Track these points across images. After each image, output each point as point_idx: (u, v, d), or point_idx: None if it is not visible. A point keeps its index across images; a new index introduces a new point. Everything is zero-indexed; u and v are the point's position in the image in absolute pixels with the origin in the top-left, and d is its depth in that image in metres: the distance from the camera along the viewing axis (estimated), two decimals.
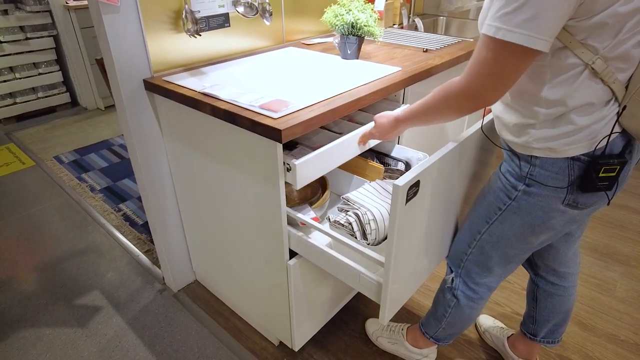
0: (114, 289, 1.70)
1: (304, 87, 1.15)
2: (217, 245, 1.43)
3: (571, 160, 0.80)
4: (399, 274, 0.97)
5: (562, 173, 0.82)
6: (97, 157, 2.76)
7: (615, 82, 0.74)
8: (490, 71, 0.72)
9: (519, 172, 0.88)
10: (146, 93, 1.27)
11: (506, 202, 0.92)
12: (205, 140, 1.18)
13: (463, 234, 1.07)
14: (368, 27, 1.34)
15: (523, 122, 0.83)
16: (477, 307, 1.12)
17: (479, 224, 1.00)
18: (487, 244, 1.00)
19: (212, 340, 1.47)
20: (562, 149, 0.80)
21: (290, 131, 0.93)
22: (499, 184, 0.94)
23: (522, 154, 0.87)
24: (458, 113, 0.82)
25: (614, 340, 1.48)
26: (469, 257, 1.06)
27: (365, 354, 1.42)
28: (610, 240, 1.96)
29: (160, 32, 1.24)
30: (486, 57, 0.71)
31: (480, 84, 0.73)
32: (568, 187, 0.83)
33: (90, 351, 1.43)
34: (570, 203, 0.85)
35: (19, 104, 3.27)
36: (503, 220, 0.95)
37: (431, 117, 0.89)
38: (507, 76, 0.71)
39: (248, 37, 1.50)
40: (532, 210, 0.89)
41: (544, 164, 0.83)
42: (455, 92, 0.79)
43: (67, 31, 3.22)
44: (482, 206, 1.00)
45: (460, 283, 1.10)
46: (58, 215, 2.17)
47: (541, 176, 0.84)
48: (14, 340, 1.48)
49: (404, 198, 0.83)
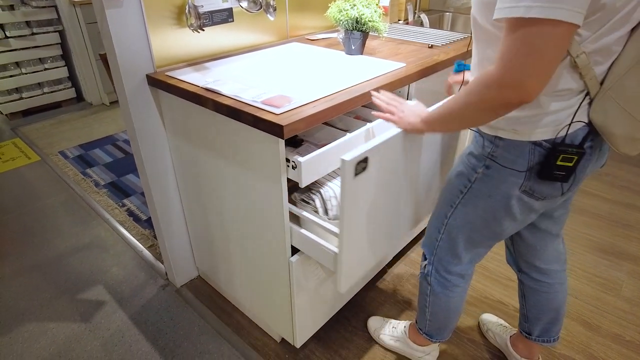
0: (117, 284, 1.70)
1: (308, 83, 1.14)
2: (219, 241, 1.43)
3: (533, 145, 0.81)
4: (353, 245, 1.02)
5: (523, 157, 0.83)
6: (101, 153, 2.77)
7: (592, 78, 0.74)
8: (529, 54, 0.64)
9: (481, 152, 0.90)
10: (149, 88, 1.27)
11: (467, 184, 0.94)
12: (208, 135, 1.18)
13: (433, 219, 1.09)
14: (372, 22, 1.33)
15: None
16: (454, 296, 1.13)
17: (445, 208, 1.02)
18: (454, 228, 1.02)
19: (214, 335, 1.48)
20: (527, 131, 0.80)
21: (292, 127, 0.92)
22: (460, 167, 0.96)
23: (487, 134, 0.88)
24: (493, 110, 0.74)
25: (619, 341, 1.46)
26: (440, 243, 1.08)
27: (367, 351, 1.42)
28: (616, 240, 1.94)
29: (164, 27, 1.24)
30: (520, 40, 0.64)
31: (520, 70, 0.65)
32: (526, 172, 0.84)
33: (93, 345, 1.44)
34: (526, 190, 0.86)
35: (25, 99, 3.29)
36: (465, 204, 0.97)
37: (464, 117, 0.80)
38: (549, 59, 0.64)
39: (251, 32, 1.49)
40: (491, 193, 0.90)
41: (507, 146, 0.84)
42: (492, 81, 0.70)
43: (73, 26, 3.22)
44: (447, 190, 1.02)
45: (433, 270, 1.12)
46: (63, 210, 2.18)
47: (502, 158, 0.85)
48: (19, 334, 1.49)
49: (351, 172, 0.89)
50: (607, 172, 2.48)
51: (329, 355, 1.41)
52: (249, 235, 1.25)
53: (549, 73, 0.66)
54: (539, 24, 0.62)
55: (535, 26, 0.63)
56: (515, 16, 0.64)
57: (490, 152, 0.87)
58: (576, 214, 2.11)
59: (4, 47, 3.06)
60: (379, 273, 1.73)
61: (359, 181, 0.93)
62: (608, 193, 2.28)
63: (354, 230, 1.00)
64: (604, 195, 2.26)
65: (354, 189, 0.92)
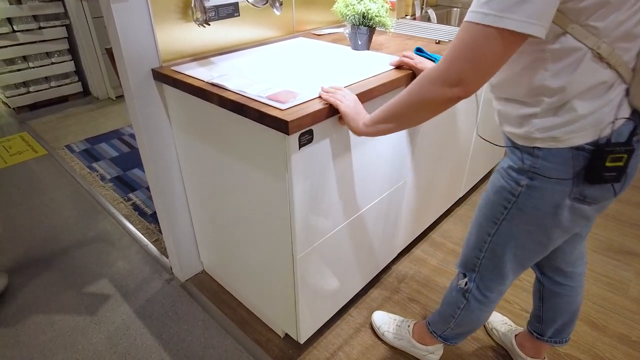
0: (122, 277, 1.71)
1: (314, 78, 1.13)
2: (224, 236, 1.43)
3: (575, 150, 0.77)
4: (304, 212, 1.08)
5: (566, 164, 0.79)
6: (107, 147, 2.78)
7: (622, 65, 0.71)
8: (474, 56, 0.68)
9: (521, 166, 0.85)
10: (155, 83, 1.27)
11: (510, 199, 0.89)
12: (214, 131, 1.17)
13: (472, 238, 1.03)
14: (379, 17, 1.32)
15: (526, 112, 0.80)
16: (488, 310, 1.10)
17: (487, 225, 0.97)
18: (499, 246, 0.96)
19: (218, 330, 1.48)
20: (566, 137, 0.77)
21: (297, 122, 0.91)
22: (501, 182, 0.91)
23: (524, 146, 0.84)
24: (434, 107, 0.78)
25: (625, 341, 1.45)
26: (482, 261, 1.02)
27: (371, 348, 1.42)
28: (624, 239, 1.92)
29: (169, 21, 1.23)
30: (471, 42, 0.68)
31: (462, 69, 0.70)
32: (573, 179, 0.80)
33: (98, 338, 1.45)
34: (577, 197, 0.82)
35: (32, 93, 3.31)
36: (510, 219, 0.91)
37: (404, 115, 0.84)
38: (494, 63, 0.68)
39: (258, 27, 1.49)
40: (539, 206, 0.86)
41: (547, 155, 0.80)
42: (435, 77, 0.74)
43: (79, 21, 3.23)
44: (487, 207, 0.96)
45: (474, 288, 1.07)
46: (69, 204, 2.19)
47: (545, 169, 0.81)
48: (26, 326, 1.50)
49: (296, 143, 0.96)
50: None
51: (332, 351, 1.41)
52: (254, 230, 1.25)
53: (491, 74, 0.70)
54: (493, 32, 0.65)
55: (489, 34, 0.66)
56: (473, 21, 0.67)
57: (530, 164, 0.83)
58: None
59: (12, 41, 3.07)
60: (383, 270, 1.72)
61: (304, 152, 0.99)
62: None
63: (305, 199, 1.06)
64: None
65: (300, 160, 0.99)
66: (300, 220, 1.08)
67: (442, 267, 1.77)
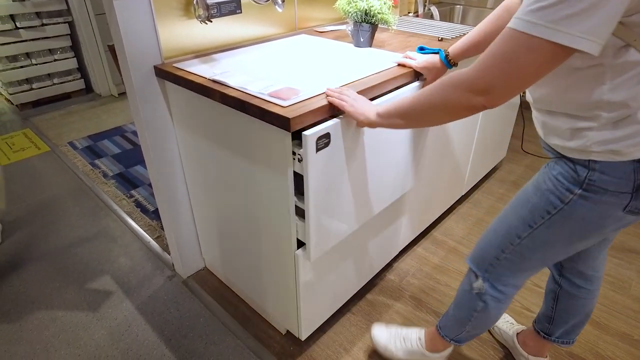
0: (124, 274, 1.72)
1: (316, 75, 1.13)
2: (226, 232, 1.43)
3: (638, 163, 0.73)
4: (319, 217, 1.06)
5: (627, 177, 0.74)
6: (110, 144, 2.79)
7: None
8: (511, 68, 0.64)
9: (575, 177, 0.79)
10: (157, 80, 1.27)
11: (557, 205, 0.83)
12: (216, 128, 1.17)
13: (495, 238, 0.98)
14: (382, 14, 1.31)
15: (579, 126, 0.75)
16: (504, 307, 1.07)
17: (520, 227, 0.91)
18: (528, 249, 0.92)
19: (219, 327, 1.48)
20: (628, 150, 0.72)
21: (299, 120, 0.91)
22: (548, 186, 0.85)
23: (577, 158, 0.78)
24: (454, 112, 0.74)
25: (627, 340, 1.45)
26: (502, 261, 0.98)
27: (372, 345, 1.42)
28: (627, 238, 1.91)
29: (171, 18, 1.23)
30: (510, 52, 0.63)
31: (495, 78, 0.66)
32: (633, 193, 0.75)
33: (100, 334, 1.46)
34: (632, 209, 0.78)
35: (35, 89, 3.32)
36: (550, 225, 0.86)
37: (419, 117, 0.80)
38: (530, 77, 0.64)
39: (260, 24, 1.48)
40: (587, 216, 0.81)
41: (604, 168, 0.75)
42: (461, 82, 0.70)
43: (82, 17, 3.23)
44: (524, 209, 0.90)
45: (489, 287, 1.03)
46: (71, 200, 2.20)
47: (602, 181, 0.76)
48: (28, 321, 1.51)
49: (313, 147, 0.93)
50: None
51: (333, 348, 1.41)
52: (255, 227, 1.25)
53: (525, 88, 0.66)
54: (538, 44, 0.60)
55: (534, 45, 0.61)
56: (518, 29, 0.62)
57: (586, 176, 0.78)
58: None
59: (15, 37, 3.08)
60: (384, 267, 1.72)
61: (321, 156, 0.97)
62: None
63: (320, 203, 1.04)
64: None
65: (316, 163, 0.97)
66: (314, 224, 1.06)
67: (444, 265, 1.77)
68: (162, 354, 1.39)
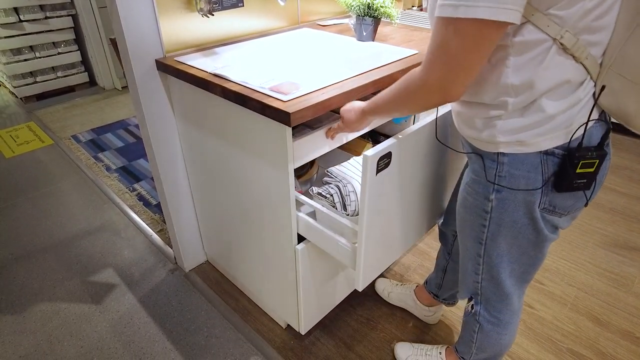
0: (127, 267, 1.73)
1: (317, 69, 1.12)
2: (228, 226, 1.43)
3: (544, 155, 0.72)
4: (372, 242, 1.00)
5: (535, 171, 0.73)
6: (113, 137, 2.79)
7: (588, 57, 0.66)
8: (452, 57, 0.62)
9: (484, 177, 0.80)
10: (158, 73, 1.27)
11: (485, 216, 0.83)
12: (217, 121, 1.17)
13: (466, 262, 0.98)
14: (385, 8, 1.30)
15: (490, 115, 0.75)
16: (506, 332, 1.02)
17: (474, 246, 0.91)
18: (492, 267, 0.90)
19: (220, 320, 1.49)
20: (534, 141, 0.71)
21: (299, 114, 0.91)
22: (470, 200, 0.86)
23: (486, 151, 0.78)
24: (423, 107, 0.74)
25: (628, 337, 1.44)
26: (482, 283, 0.96)
27: (372, 340, 1.42)
28: (631, 235, 1.90)
29: (173, 12, 1.23)
30: (445, 41, 0.62)
31: (442, 75, 0.65)
32: (542, 188, 0.74)
33: (103, 326, 1.47)
34: (546, 207, 0.77)
35: (39, 83, 3.33)
36: (493, 238, 0.85)
37: (396, 109, 0.80)
38: (472, 61, 0.62)
39: (262, 17, 1.47)
40: (515, 219, 0.80)
41: (513, 161, 0.75)
42: (416, 85, 0.70)
43: (85, 10, 3.23)
44: (467, 228, 0.91)
45: (482, 310, 1.01)
46: (75, 194, 2.21)
47: (511, 178, 0.76)
48: (32, 313, 1.53)
49: (374, 168, 0.85)
50: (625, 165, 2.42)
51: (334, 342, 1.41)
52: (256, 221, 1.25)
53: (473, 75, 0.64)
54: (467, 24, 0.59)
55: (463, 27, 0.60)
56: (444, 16, 0.61)
57: (495, 173, 0.77)
58: (590, 208, 2.07)
59: (19, 30, 3.08)
60: None
61: (380, 177, 0.89)
62: (625, 187, 2.23)
63: (374, 227, 0.97)
64: (621, 190, 2.21)
65: (375, 185, 0.89)
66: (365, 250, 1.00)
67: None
68: (164, 346, 1.40)
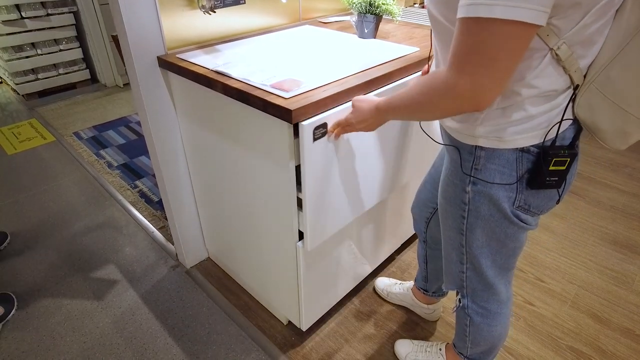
0: (128, 263, 1.74)
1: (319, 67, 1.13)
2: (229, 223, 1.44)
3: (520, 152, 0.74)
4: (316, 207, 1.08)
5: (510, 167, 0.75)
6: (114, 134, 2.80)
7: (577, 70, 0.67)
8: (490, 62, 0.58)
9: (460, 170, 0.81)
10: (160, 70, 1.27)
11: (464, 207, 0.85)
12: (219, 119, 1.18)
13: (450, 251, 0.98)
14: (386, 5, 1.30)
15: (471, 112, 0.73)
16: (497, 324, 1.03)
17: (457, 237, 0.92)
18: (475, 257, 0.92)
19: (222, 316, 1.50)
20: (511, 138, 0.73)
21: (301, 111, 0.91)
22: (449, 191, 0.87)
23: (465, 144, 0.78)
24: (445, 114, 0.69)
25: (629, 335, 1.44)
26: (467, 273, 0.97)
27: (373, 337, 1.43)
28: (632, 233, 1.90)
29: (175, 9, 1.23)
30: (477, 43, 0.57)
31: (475, 81, 0.60)
32: (517, 184, 0.76)
33: (105, 322, 1.48)
34: (521, 205, 0.79)
35: (41, 79, 3.33)
36: (472, 229, 0.87)
37: (414, 114, 0.75)
38: (509, 67, 0.59)
39: (264, 14, 1.47)
40: (491, 212, 0.81)
41: (489, 156, 0.76)
42: (441, 90, 0.64)
43: (87, 7, 3.23)
44: (448, 219, 0.92)
45: (470, 302, 1.02)
46: (77, 190, 2.22)
47: (487, 171, 0.77)
48: (35, 309, 1.54)
49: (310, 137, 0.95)
50: (626, 163, 2.42)
51: (334, 339, 1.42)
52: (257, 218, 1.25)
53: (505, 82, 0.61)
54: (502, 26, 0.55)
55: (497, 28, 0.55)
56: (475, 16, 0.56)
57: (472, 165, 0.79)
58: (591, 206, 2.07)
59: (20, 27, 3.09)
60: (386, 260, 1.73)
61: (318, 146, 0.98)
62: (625, 185, 2.22)
63: (317, 193, 1.06)
64: (621, 188, 2.21)
65: (313, 153, 0.98)
66: (310, 214, 1.07)
67: None
68: (166, 342, 1.41)
